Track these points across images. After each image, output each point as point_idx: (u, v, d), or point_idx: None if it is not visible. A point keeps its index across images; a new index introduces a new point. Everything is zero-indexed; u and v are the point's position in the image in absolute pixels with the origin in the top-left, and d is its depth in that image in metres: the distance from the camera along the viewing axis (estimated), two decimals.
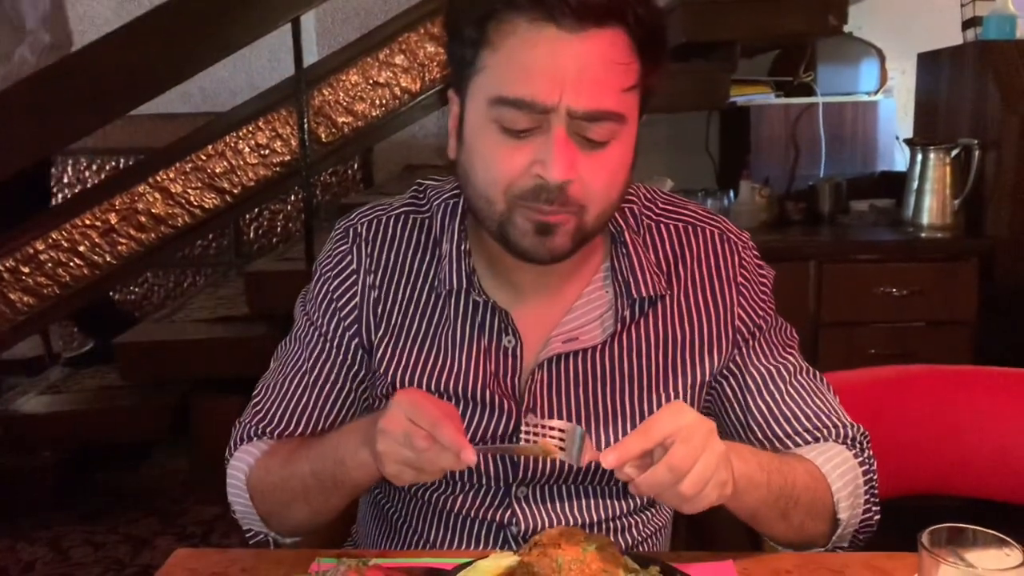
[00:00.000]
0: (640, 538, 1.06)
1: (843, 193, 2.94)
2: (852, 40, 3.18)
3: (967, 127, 2.68)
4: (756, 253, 1.06)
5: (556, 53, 0.85)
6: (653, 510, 1.08)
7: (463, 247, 1.01)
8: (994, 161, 2.54)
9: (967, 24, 2.78)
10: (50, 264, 3.31)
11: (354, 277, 1.05)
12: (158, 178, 3.61)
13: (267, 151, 3.85)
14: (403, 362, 1.02)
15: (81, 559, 2.68)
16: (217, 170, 3.72)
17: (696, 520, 1.19)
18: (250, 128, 3.79)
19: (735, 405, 1.03)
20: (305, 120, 3.30)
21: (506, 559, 0.83)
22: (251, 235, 4.26)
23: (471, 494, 1.03)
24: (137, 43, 2.83)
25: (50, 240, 3.31)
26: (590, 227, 0.93)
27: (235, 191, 3.77)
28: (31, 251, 3.31)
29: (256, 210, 4.14)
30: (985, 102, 2.60)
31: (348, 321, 1.05)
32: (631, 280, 1.00)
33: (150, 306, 4.24)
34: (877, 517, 1.01)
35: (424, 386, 1.01)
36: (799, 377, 1.03)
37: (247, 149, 3.80)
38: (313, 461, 0.97)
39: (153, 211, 3.47)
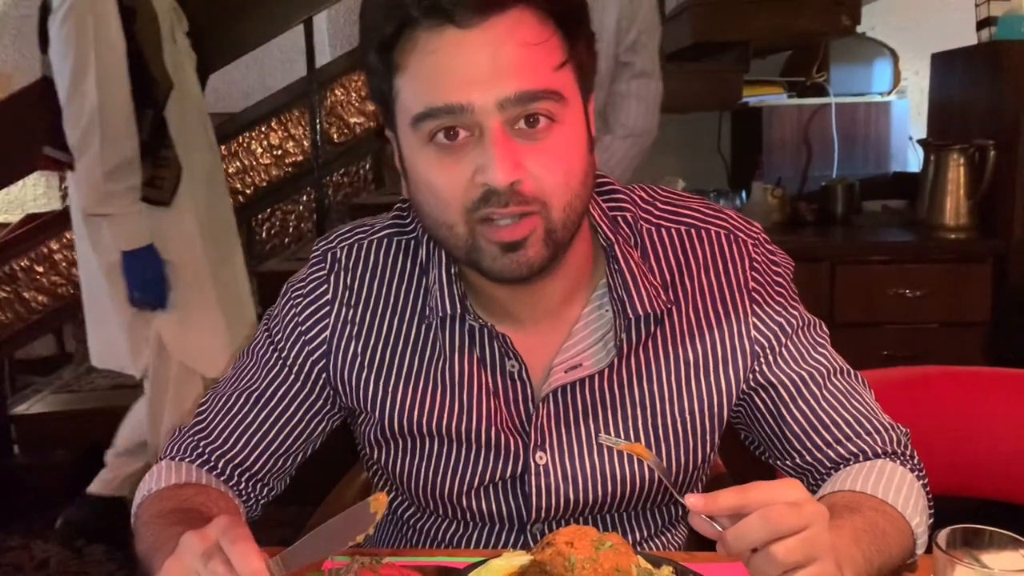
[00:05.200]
0: None
1: (856, 194, 2.93)
2: (865, 40, 3.17)
3: (981, 128, 2.66)
4: (769, 248, 0.99)
5: (461, 50, 0.81)
6: (670, 534, 1.05)
7: (452, 271, 0.94)
8: (1009, 162, 2.53)
9: (981, 24, 2.76)
10: (64, 263, 3.33)
11: (327, 308, 0.98)
12: None
13: (279, 151, 3.86)
14: (396, 402, 0.96)
15: (94, 556, 2.70)
16: (230, 170, 3.74)
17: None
18: (263, 128, 3.82)
19: (768, 418, 0.97)
20: (317, 120, 3.32)
21: (519, 558, 0.83)
22: (263, 235, 4.26)
23: (484, 532, 1.00)
24: None
25: (64, 239, 3.34)
26: (560, 226, 0.85)
27: (248, 191, 3.80)
28: (45, 251, 3.33)
29: (268, 210, 4.15)
30: (1000, 102, 2.58)
31: (316, 354, 0.99)
32: (626, 299, 0.93)
33: None
34: (931, 521, 0.93)
35: (422, 428, 0.96)
36: (834, 379, 0.96)
37: (260, 149, 3.82)
38: (151, 539, 0.87)
39: None
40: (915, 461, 0.96)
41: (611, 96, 2.23)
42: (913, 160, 3.14)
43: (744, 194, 2.95)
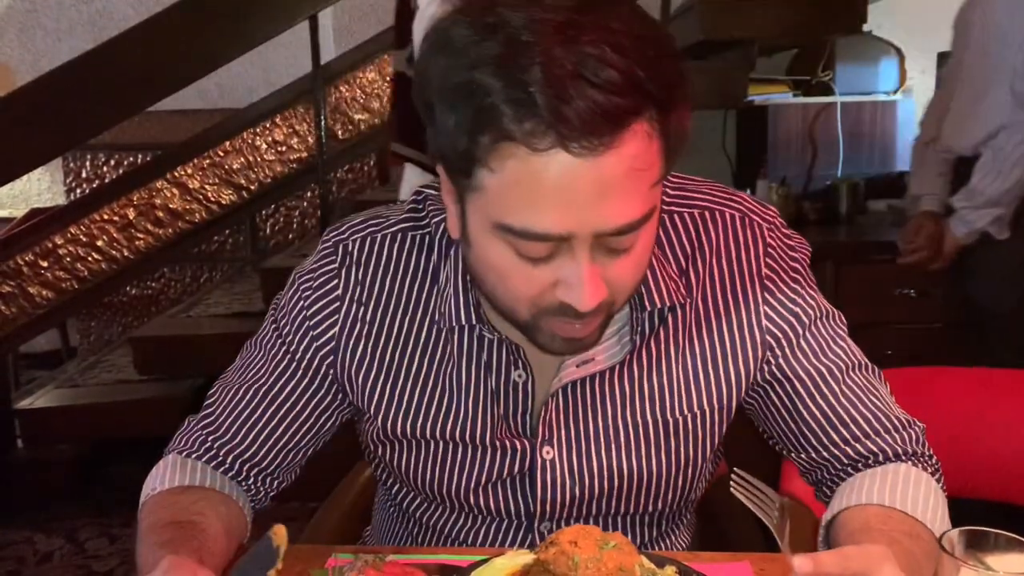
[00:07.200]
0: None
1: (861, 193, 2.93)
2: (871, 39, 3.16)
3: None
4: (785, 232, 0.96)
5: (571, 181, 0.72)
6: (676, 534, 1.05)
7: (467, 277, 0.90)
8: None
9: None
10: (68, 258, 3.34)
11: (337, 304, 0.95)
12: (176, 174, 3.64)
13: (284, 147, 3.87)
14: (401, 405, 0.95)
15: (97, 551, 2.70)
16: (234, 166, 3.75)
17: (711, 520, 1.19)
18: (267, 124, 3.82)
19: (784, 412, 0.95)
20: (322, 117, 3.30)
21: (522, 557, 0.83)
22: (267, 231, 4.27)
23: (492, 528, 1.00)
24: (155, 39, 2.84)
25: (69, 235, 3.35)
26: (617, 312, 0.87)
27: (252, 187, 3.80)
28: (50, 245, 3.34)
29: (272, 206, 4.16)
30: None
31: (324, 349, 0.96)
32: (643, 292, 0.90)
33: (166, 300, 4.26)
34: None
35: (426, 432, 0.95)
36: (852, 375, 0.95)
37: (264, 145, 3.82)
38: (144, 554, 0.85)
39: (170, 206, 3.50)
40: (932, 460, 0.96)
41: None
42: None
43: (749, 192, 2.94)
